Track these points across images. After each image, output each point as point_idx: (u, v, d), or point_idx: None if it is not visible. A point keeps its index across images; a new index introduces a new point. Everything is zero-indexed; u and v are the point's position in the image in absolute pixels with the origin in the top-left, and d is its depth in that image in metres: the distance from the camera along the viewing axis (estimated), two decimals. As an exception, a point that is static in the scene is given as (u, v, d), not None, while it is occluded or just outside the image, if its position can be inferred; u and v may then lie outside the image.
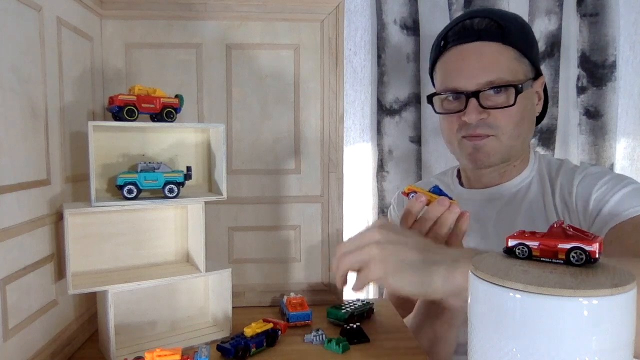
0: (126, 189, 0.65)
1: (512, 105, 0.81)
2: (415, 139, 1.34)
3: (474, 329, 0.40)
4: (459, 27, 0.85)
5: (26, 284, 0.56)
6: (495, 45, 0.82)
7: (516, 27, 0.85)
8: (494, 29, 0.82)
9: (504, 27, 0.82)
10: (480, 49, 0.82)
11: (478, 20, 0.84)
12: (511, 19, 0.86)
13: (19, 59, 0.55)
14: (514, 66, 0.83)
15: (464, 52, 0.84)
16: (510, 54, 0.82)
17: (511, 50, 0.83)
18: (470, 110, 0.82)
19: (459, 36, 0.85)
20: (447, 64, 0.87)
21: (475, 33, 0.83)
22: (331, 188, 0.87)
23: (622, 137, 1.36)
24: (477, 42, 0.83)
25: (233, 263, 0.85)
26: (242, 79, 0.84)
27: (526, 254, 0.42)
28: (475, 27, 0.83)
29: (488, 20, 0.83)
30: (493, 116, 0.83)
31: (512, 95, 0.81)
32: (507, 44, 0.82)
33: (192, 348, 0.67)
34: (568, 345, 0.34)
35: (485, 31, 0.83)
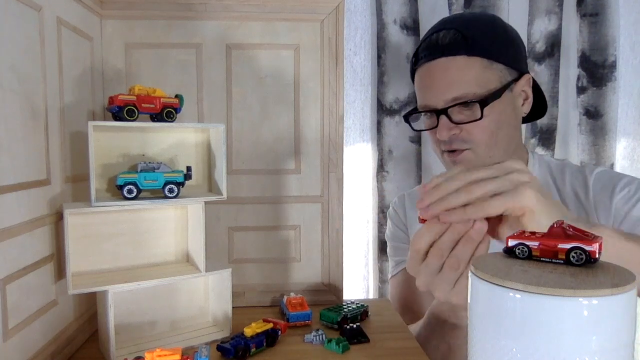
0: (126, 189, 0.65)
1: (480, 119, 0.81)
2: (415, 139, 1.34)
3: (474, 329, 0.40)
4: (427, 43, 0.86)
5: (26, 284, 0.56)
6: (460, 59, 0.82)
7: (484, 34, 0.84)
8: (459, 42, 0.82)
9: (468, 37, 0.82)
10: (446, 65, 0.83)
11: (443, 34, 0.84)
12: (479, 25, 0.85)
13: (19, 59, 0.55)
14: (483, 76, 0.82)
15: (431, 69, 0.85)
16: (478, 65, 0.82)
17: (478, 60, 0.82)
18: (441, 127, 0.84)
19: (426, 53, 0.86)
20: (419, 81, 0.89)
21: (439, 49, 0.83)
22: (331, 188, 0.87)
23: (622, 137, 1.36)
24: (442, 59, 0.83)
25: (233, 263, 0.85)
26: (242, 79, 0.84)
27: (526, 254, 0.42)
28: (440, 42, 0.84)
29: (453, 32, 0.83)
30: (466, 130, 0.83)
31: (477, 109, 0.81)
32: (473, 54, 0.82)
33: (192, 348, 0.67)
34: (568, 345, 0.34)
35: (449, 46, 0.83)
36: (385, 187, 1.34)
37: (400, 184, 1.34)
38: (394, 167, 1.34)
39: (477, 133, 0.83)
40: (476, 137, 0.83)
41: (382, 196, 1.35)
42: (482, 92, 0.81)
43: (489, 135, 0.83)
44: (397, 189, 1.33)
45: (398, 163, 1.34)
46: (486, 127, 0.82)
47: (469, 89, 0.81)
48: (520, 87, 0.87)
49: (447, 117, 0.83)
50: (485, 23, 0.86)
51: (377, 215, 1.36)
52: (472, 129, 0.83)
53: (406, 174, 1.35)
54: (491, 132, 0.83)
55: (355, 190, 1.37)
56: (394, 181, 1.34)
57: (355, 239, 1.38)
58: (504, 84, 0.84)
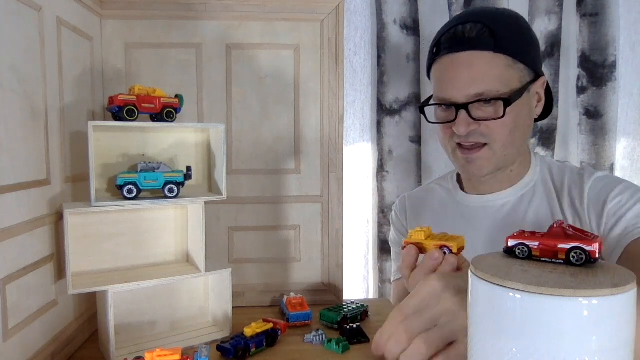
0: (126, 189, 0.65)
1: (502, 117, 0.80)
2: (415, 139, 1.34)
3: (474, 329, 0.40)
4: (451, 33, 0.84)
5: (26, 284, 0.56)
6: (487, 55, 0.81)
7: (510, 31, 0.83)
8: (486, 37, 0.81)
9: (496, 34, 0.80)
10: (471, 60, 0.81)
11: (470, 27, 0.82)
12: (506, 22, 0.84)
13: (19, 59, 0.55)
14: (506, 75, 0.81)
15: (455, 62, 0.83)
16: (502, 62, 0.81)
17: (503, 57, 0.81)
18: (460, 122, 0.82)
19: (451, 44, 0.84)
20: (439, 72, 0.87)
21: (466, 42, 0.82)
22: (331, 188, 0.87)
23: (622, 137, 1.36)
24: (467, 52, 0.81)
25: (233, 263, 0.85)
26: (242, 79, 0.84)
27: (526, 254, 0.42)
28: (467, 35, 0.82)
29: (480, 26, 0.81)
30: (485, 126, 0.82)
31: (501, 108, 0.80)
32: (499, 52, 0.80)
33: (192, 348, 0.67)
34: (568, 345, 0.34)
35: (477, 40, 0.81)
36: (385, 187, 1.34)
37: (400, 184, 1.34)
38: (394, 167, 1.34)
39: (497, 130, 0.82)
40: (496, 134, 0.82)
41: (382, 196, 1.35)
42: (505, 91, 0.81)
43: (508, 133, 0.83)
44: (397, 189, 1.33)
45: (398, 163, 1.34)
46: (506, 125, 0.82)
47: (493, 86, 0.80)
48: (535, 88, 0.86)
49: (467, 112, 0.81)
50: (511, 21, 0.85)
51: (377, 215, 1.36)
52: (492, 125, 0.82)
53: (406, 174, 1.35)
54: (510, 130, 0.83)
55: (355, 190, 1.37)
56: (394, 181, 1.34)
57: (355, 239, 1.38)
58: (523, 84, 0.83)
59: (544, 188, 0.89)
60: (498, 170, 0.87)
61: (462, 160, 0.87)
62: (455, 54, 0.83)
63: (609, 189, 0.83)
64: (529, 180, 0.91)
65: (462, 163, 0.87)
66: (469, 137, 0.83)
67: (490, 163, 0.85)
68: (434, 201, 1.01)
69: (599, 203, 0.82)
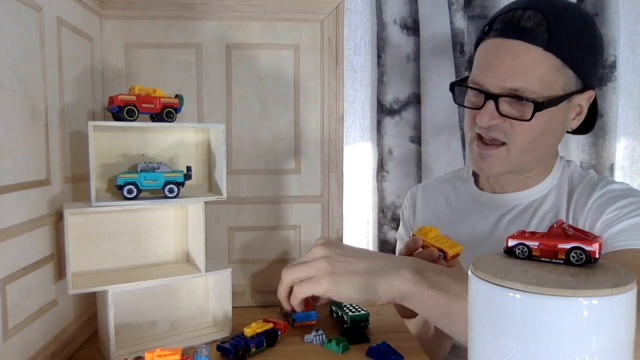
0: (126, 189, 0.65)
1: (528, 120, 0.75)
2: (415, 139, 1.35)
3: (474, 329, 0.40)
4: (508, 16, 0.77)
5: (26, 284, 0.56)
6: (535, 50, 0.75)
7: (570, 32, 0.76)
8: (541, 31, 0.74)
9: (552, 30, 0.74)
10: (518, 51, 0.75)
11: (529, 15, 0.75)
12: (569, 21, 0.76)
13: (19, 59, 0.55)
14: (549, 77, 0.75)
15: (501, 47, 0.77)
16: (550, 63, 0.75)
17: (552, 58, 0.75)
18: (484, 112, 0.77)
19: (503, 27, 0.77)
20: (482, 54, 0.81)
21: (519, 30, 0.75)
22: (331, 188, 0.87)
23: (622, 137, 1.36)
24: (517, 41, 0.75)
25: (233, 263, 0.85)
26: (242, 79, 0.84)
27: (526, 254, 0.42)
28: (522, 22, 0.75)
29: (540, 17, 0.74)
30: (509, 123, 0.78)
31: (530, 111, 0.75)
32: (549, 50, 0.74)
33: (192, 348, 0.67)
34: (568, 345, 0.34)
35: (530, 31, 0.74)
36: (385, 187, 1.34)
37: (400, 184, 1.34)
38: (394, 167, 1.34)
39: (520, 132, 0.77)
40: (517, 136, 0.78)
41: (382, 196, 1.35)
42: (542, 94, 0.75)
43: (530, 139, 0.78)
44: (397, 189, 1.34)
45: (398, 163, 1.34)
46: (530, 130, 0.77)
47: (531, 85, 0.75)
48: (579, 100, 0.81)
49: (495, 104, 0.76)
50: (576, 22, 0.78)
51: (377, 215, 1.36)
52: (517, 125, 0.77)
53: (406, 174, 1.35)
54: (533, 137, 0.78)
55: (355, 190, 1.37)
56: (394, 181, 1.34)
57: (355, 239, 1.38)
58: (566, 93, 0.77)
59: (557, 195, 0.86)
60: (511, 174, 0.84)
61: (476, 153, 0.83)
62: (504, 39, 0.77)
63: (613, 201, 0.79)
64: (545, 186, 0.87)
65: (475, 156, 0.84)
66: (490, 131, 0.79)
67: (503, 164, 0.81)
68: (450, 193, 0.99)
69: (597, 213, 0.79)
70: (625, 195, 0.80)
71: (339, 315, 0.76)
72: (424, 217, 1.01)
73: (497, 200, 0.90)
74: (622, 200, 0.78)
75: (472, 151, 0.85)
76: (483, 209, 0.91)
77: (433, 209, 1.00)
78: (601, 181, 0.85)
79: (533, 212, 0.86)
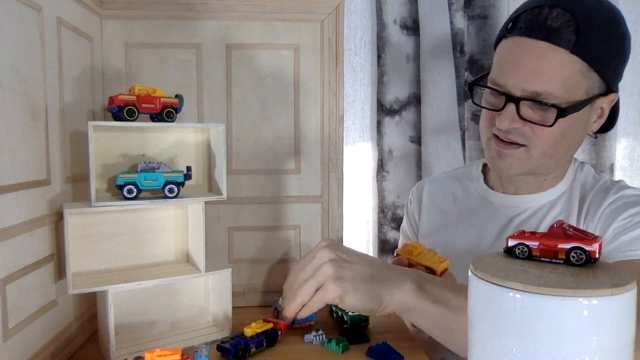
0: (126, 189, 0.65)
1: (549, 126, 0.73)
2: (415, 139, 1.34)
3: (474, 329, 0.40)
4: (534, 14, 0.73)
5: (26, 284, 0.56)
6: (561, 53, 0.71)
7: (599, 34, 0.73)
8: (568, 33, 0.71)
9: (581, 32, 0.70)
10: (543, 52, 0.72)
11: (556, 14, 0.71)
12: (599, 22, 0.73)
13: (19, 59, 0.55)
14: (574, 81, 0.72)
15: (525, 48, 0.73)
16: (576, 67, 0.72)
17: (579, 62, 0.71)
18: (505, 116, 0.75)
19: (528, 25, 0.73)
20: (504, 52, 0.78)
21: (545, 30, 0.71)
22: (331, 188, 0.87)
23: (622, 137, 1.36)
24: (542, 42, 0.72)
25: (233, 263, 0.85)
26: (242, 79, 0.84)
27: (526, 254, 0.42)
28: (549, 22, 0.71)
29: (568, 17, 0.71)
30: (529, 127, 0.75)
31: (552, 116, 0.72)
32: (576, 53, 0.71)
33: (192, 348, 0.67)
34: (568, 345, 0.34)
35: (557, 32, 0.71)
36: (385, 187, 1.34)
37: (400, 184, 1.34)
38: (394, 167, 1.34)
39: (541, 136, 0.75)
40: (538, 140, 0.75)
41: (382, 196, 1.35)
42: (565, 98, 0.72)
43: (551, 144, 0.76)
44: (397, 189, 1.33)
45: (398, 163, 1.34)
46: (552, 135, 0.75)
47: (554, 89, 0.72)
48: (601, 103, 0.78)
49: (516, 107, 0.74)
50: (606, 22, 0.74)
51: (377, 215, 1.36)
52: (537, 129, 0.74)
53: (406, 174, 1.35)
54: (555, 141, 0.75)
55: (355, 190, 1.37)
56: (394, 181, 1.34)
57: (355, 239, 1.38)
58: (589, 97, 0.74)
59: (568, 200, 0.84)
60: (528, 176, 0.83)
61: (494, 151, 0.80)
62: (528, 39, 0.73)
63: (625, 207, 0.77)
64: (558, 190, 0.85)
65: (493, 154, 0.81)
66: (509, 134, 0.76)
67: (522, 166, 0.79)
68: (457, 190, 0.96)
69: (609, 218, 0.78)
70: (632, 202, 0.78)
71: (339, 315, 0.76)
72: (430, 213, 0.99)
73: (508, 202, 0.88)
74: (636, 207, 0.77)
75: (489, 149, 0.82)
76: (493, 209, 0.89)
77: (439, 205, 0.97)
78: (614, 186, 0.83)
79: (543, 215, 0.84)
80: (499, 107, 0.76)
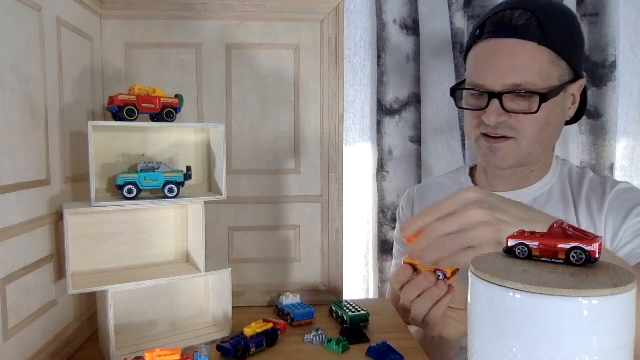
0: (126, 189, 0.65)
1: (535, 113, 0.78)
2: (415, 139, 1.34)
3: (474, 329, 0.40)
4: (498, 17, 0.80)
5: (26, 284, 0.56)
6: (531, 46, 0.78)
7: (559, 26, 0.79)
8: (533, 27, 0.78)
9: (544, 25, 0.77)
10: (514, 48, 0.78)
11: (518, 14, 0.78)
12: (556, 16, 0.80)
13: (19, 58, 0.55)
14: (547, 70, 0.78)
15: (497, 48, 0.80)
16: (546, 56, 0.78)
17: (547, 52, 0.78)
18: (491, 111, 0.79)
19: (495, 28, 0.80)
20: (478, 56, 0.83)
21: (512, 29, 0.78)
22: (331, 188, 0.87)
23: (622, 137, 1.36)
24: (512, 40, 0.78)
25: (233, 263, 0.85)
26: (242, 79, 0.84)
27: (526, 254, 0.42)
28: (514, 21, 0.78)
29: (529, 15, 0.78)
30: (515, 119, 0.80)
31: (535, 103, 0.77)
32: (544, 44, 0.77)
33: (192, 348, 0.67)
34: (568, 345, 0.34)
35: (523, 28, 0.78)
36: (385, 187, 1.34)
37: (400, 184, 1.34)
38: (394, 167, 1.34)
39: (527, 125, 0.80)
40: (525, 129, 0.80)
41: (382, 196, 1.35)
42: (543, 86, 0.78)
43: (537, 131, 0.81)
44: (397, 189, 1.33)
45: (398, 163, 1.34)
46: (536, 122, 0.80)
47: (532, 78, 0.77)
48: (572, 90, 0.84)
49: (500, 102, 0.78)
50: (562, 15, 0.82)
51: (377, 215, 1.36)
52: (523, 119, 0.79)
53: (406, 174, 1.35)
54: (540, 127, 0.80)
55: (355, 190, 1.37)
56: (394, 181, 1.34)
57: (355, 239, 1.38)
58: (562, 83, 0.81)
59: (561, 193, 0.87)
60: (519, 167, 0.86)
61: (486, 149, 0.84)
62: (498, 39, 0.80)
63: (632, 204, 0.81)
64: (546, 183, 0.88)
65: (485, 152, 0.84)
66: (497, 128, 0.81)
67: (513, 156, 0.83)
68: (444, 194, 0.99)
69: (619, 216, 0.81)
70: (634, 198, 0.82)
71: (339, 315, 0.76)
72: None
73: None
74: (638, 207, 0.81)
75: (480, 147, 0.86)
76: None
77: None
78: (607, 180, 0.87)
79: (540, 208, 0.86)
80: (482, 106, 0.81)
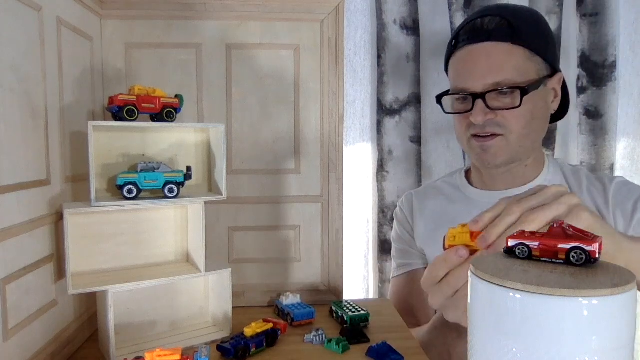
0: (126, 189, 0.65)
1: (518, 107, 0.81)
2: (415, 139, 1.34)
3: (474, 329, 0.40)
4: (470, 26, 0.85)
5: (26, 284, 0.56)
6: (505, 46, 0.82)
7: (529, 25, 0.84)
8: (504, 29, 0.82)
9: (515, 26, 0.82)
10: (489, 50, 0.83)
11: (489, 20, 0.84)
12: (525, 16, 0.85)
13: (19, 58, 0.55)
14: (524, 66, 0.83)
15: (473, 52, 0.84)
16: (521, 54, 0.82)
17: (522, 49, 0.82)
18: (477, 112, 0.83)
19: (469, 36, 0.85)
20: (457, 64, 0.88)
21: (485, 33, 0.83)
22: (331, 188, 0.87)
23: (622, 137, 1.36)
24: (486, 43, 0.83)
25: (233, 263, 0.85)
26: (242, 79, 0.84)
27: (526, 254, 0.42)
28: (485, 26, 0.83)
29: (499, 19, 0.83)
30: (501, 116, 0.83)
31: (517, 97, 0.81)
32: (517, 43, 0.82)
33: (192, 348, 0.67)
34: (568, 345, 0.34)
35: (495, 31, 0.83)
36: (385, 187, 1.34)
37: (400, 184, 1.34)
38: (394, 167, 1.34)
39: (513, 120, 0.83)
40: (512, 124, 0.83)
41: (382, 196, 1.35)
42: (522, 81, 0.82)
43: (524, 124, 0.84)
44: (397, 189, 1.33)
45: (398, 163, 1.34)
46: (522, 116, 0.83)
47: (510, 76, 0.82)
48: (552, 84, 0.88)
49: (484, 101, 0.82)
50: (530, 16, 0.87)
51: (377, 215, 1.36)
52: (508, 115, 0.83)
53: (406, 174, 1.35)
54: (526, 121, 0.84)
55: (355, 190, 1.37)
56: (394, 181, 1.34)
57: (355, 239, 1.38)
58: (541, 77, 0.84)
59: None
60: (512, 163, 0.88)
61: (477, 148, 0.87)
62: (473, 45, 0.84)
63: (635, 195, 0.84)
64: (543, 180, 0.90)
65: (477, 152, 0.88)
66: (485, 127, 0.84)
67: (505, 152, 0.86)
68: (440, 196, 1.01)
69: (627, 208, 0.84)
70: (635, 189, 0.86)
71: (339, 315, 0.76)
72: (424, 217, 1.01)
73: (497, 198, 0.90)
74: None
75: (472, 148, 0.89)
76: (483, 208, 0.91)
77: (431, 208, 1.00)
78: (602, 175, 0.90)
79: None
80: (468, 108, 0.85)
